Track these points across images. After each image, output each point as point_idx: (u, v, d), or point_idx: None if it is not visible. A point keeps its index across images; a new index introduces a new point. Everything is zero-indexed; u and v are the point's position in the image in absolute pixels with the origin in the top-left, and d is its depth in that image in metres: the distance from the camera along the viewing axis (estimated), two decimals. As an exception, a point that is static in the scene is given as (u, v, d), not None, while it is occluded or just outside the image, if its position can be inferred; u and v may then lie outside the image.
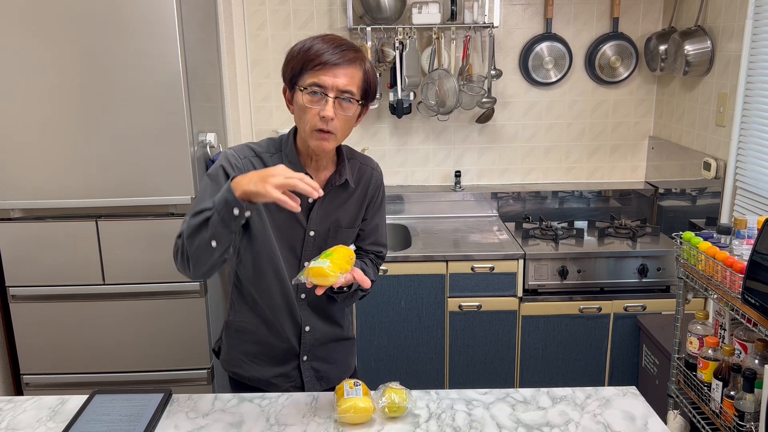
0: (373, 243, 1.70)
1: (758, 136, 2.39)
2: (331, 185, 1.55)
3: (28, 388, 2.52)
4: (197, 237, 1.35)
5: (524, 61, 3.15)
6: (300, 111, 1.43)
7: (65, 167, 2.33)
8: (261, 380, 1.65)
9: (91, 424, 1.40)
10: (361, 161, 1.64)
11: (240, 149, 1.53)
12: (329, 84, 1.39)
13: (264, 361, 1.65)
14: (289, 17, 3.11)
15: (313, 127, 1.41)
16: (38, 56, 2.23)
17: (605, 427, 1.41)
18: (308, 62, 1.39)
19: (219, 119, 2.85)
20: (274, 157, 1.53)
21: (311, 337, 1.65)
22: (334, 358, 1.71)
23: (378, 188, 1.66)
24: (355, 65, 1.42)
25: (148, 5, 2.21)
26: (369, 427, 1.40)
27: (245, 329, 1.65)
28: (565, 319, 2.76)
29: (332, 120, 1.40)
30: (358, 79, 1.43)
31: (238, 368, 1.68)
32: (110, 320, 2.46)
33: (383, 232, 1.72)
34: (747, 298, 1.58)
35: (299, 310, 1.62)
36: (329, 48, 1.40)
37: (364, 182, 1.62)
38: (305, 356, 1.66)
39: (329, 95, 1.39)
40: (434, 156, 3.28)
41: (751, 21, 2.39)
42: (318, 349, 1.67)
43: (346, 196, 1.59)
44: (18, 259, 2.40)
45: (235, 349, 1.68)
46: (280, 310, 1.60)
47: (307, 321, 1.63)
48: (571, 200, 3.25)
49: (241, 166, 1.48)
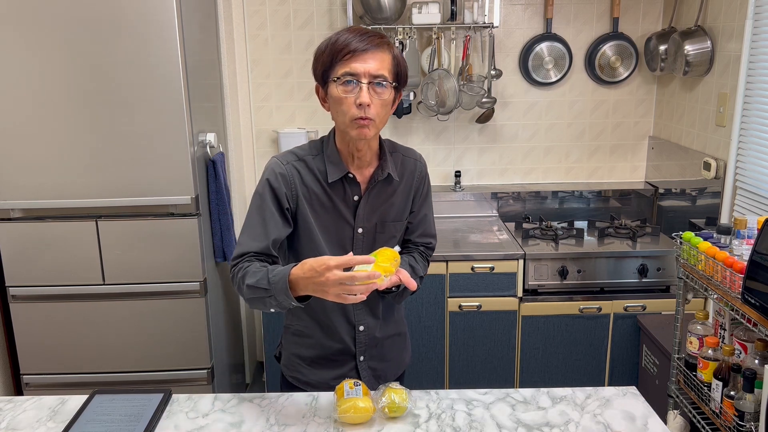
0: (422, 234, 1.68)
1: (758, 136, 2.38)
2: (375, 181, 1.55)
3: (28, 388, 2.52)
4: (255, 303, 1.44)
5: (524, 61, 3.15)
6: (336, 103, 1.42)
7: (65, 167, 2.33)
8: (321, 384, 1.64)
9: (91, 424, 1.40)
10: (403, 153, 1.63)
11: (283, 156, 1.53)
12: (361, 70, 1.39)
13: (321, 364, 1.65)
14: (289, 17, 3.11)
15: (352, 116, 1.41)
16: (38, 56, 2.23)
17: (605, 427, 1.41)
18: (337, 53, 1.39)
19: (219, 119, 2.85)
20: (316, 158, 1.52)
21: (366, 336, 1.64)
22: (390, 356, 1.71)
23: (423, 179, 1.65)
24: (383, 49, 1.42)
25: (148, 5, 2.21)
26: (369, 427, 1.40)
27: (301, 333, 1.65)
28: (565, 319, 2.76)
29: (369, 106, 1.40)
30: (389, 63, 1.43)
31: (297, 373, 1.67)
32: (110, 320, 2.46)
33: (431, 223, 1.71)
34: (747, 298, 1.58)
35: (353, 310, 1.61)
36: (355, 36, 1.40)
37: (408, 174, 1.61)
38: (362, 356, 1.65)
39: (363, 81, 1.39)
40: (434, 156, 3.28)
41: (751, 21, 2.39)
42: (373, 348, 1.67)
43: (392, 190, 1.58)
44: (18, 259, 2.40)
45: (294, 353, 1.68)
46: (334, 312, 1.60)
47: (360, 321, 1.62)
48: (571, 200, 3.25)
49: (285, 172, 1.49)
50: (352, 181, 1.53)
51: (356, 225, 1.55)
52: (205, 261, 2.47)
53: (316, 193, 1.51)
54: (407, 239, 1.67)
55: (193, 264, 2.43)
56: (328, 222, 1.53)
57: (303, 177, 1.51)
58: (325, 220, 1.53)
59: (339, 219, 1.54)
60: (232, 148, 2.98)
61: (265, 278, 1.37)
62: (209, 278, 2.53)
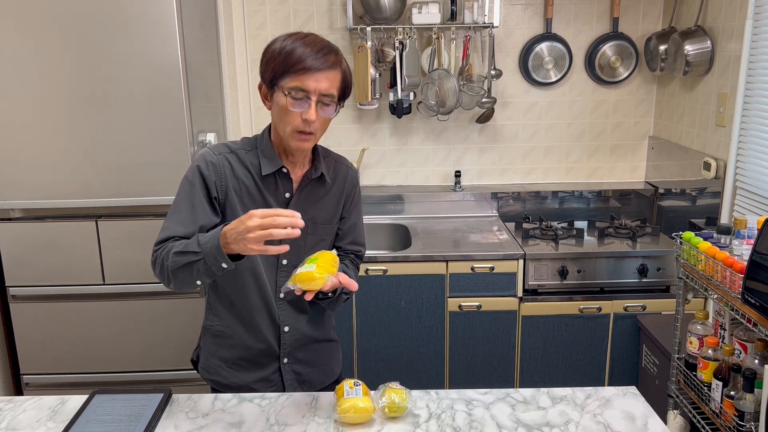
0: (352, 242, 1.70)
1: (758, 136, 2.38)
2: (308, 179, 1.56)
3: (28, 388, 2.52)
4: (180, 273, 1.41)
5: (524, 61, 3.15)
6: (281, 112, 1.44)
7: (65, 167, 2.33)
8: (242, 386, 1.63)
9: (91, 424, 1.40)
10: (336, 159, 1.66)
11: (216, 146, 1.55)
12: (312, 88, 1.41)
13: (243, 366, 1.64)
14: (289, 17, 3.11)
15: (295, 128, 1.44)
16: (38, 56, 2.23)
17: (605, 427, 1.41)
18: (291, 66, 1.40)
19: (219, 119, 2.85)
20: (249, 153, 1.54)
21: (291, 338, 1.63)
22: (316, 361, 1.70)
23: (354, 186, 1.68)
24: (335, 69, 1.44)
25: (148, 5, 2.21)
26: (369, 427, 1.40)
27: (223, 333, 1.63)
28: (565, 319, 2.76)
29: (314, 122, 1.42)
30: (338, 82, 1.46)
31: (217, 376, 1.66)
32: (110, 320, 2.46)
33: (361, 232, 1.72)
34: (747, 298, 1.58)
35: (278, 310, 1.61)
36: (312, 53, 1.41)
37: (340, 179, 1.64)
38: (285, 358, 1.64)
39: (312, 98, 1.41)
40: (434, 156, 3.28)
41: (751, 21, 2.39)
42: (298, 351, 1.66)
43: (323, 192, 1.60)
44: (18, 259, 2.40)
45: (213, 355, 1.66)
46: (258, 311, 1.59)
47: (285, 321, 1.62)
48: (571, 200, 3.25)
49: (216, 161, 1.50)
50: (285, 177, 1.54)
51: None
52: (205, 261, 2.47)
53: (247, 186, 1.52)
54: (337, 246, 1.68)
55: (193, 264, 2.43)
56: None
57: (234, 169, 1.51)
58: None
59: None
60: (232, 148, 2.97)
61: (195, 241, 1.38)
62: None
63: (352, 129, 3.22)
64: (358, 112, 3.20)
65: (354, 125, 3.22)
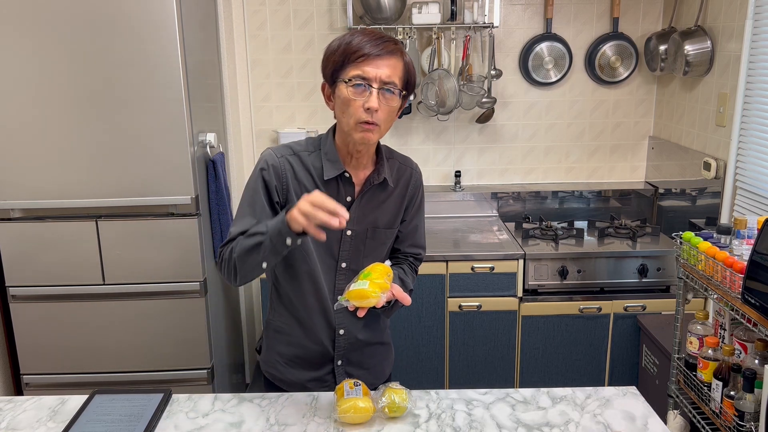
0: (411, 245, 1.68)
1: (758, 136, 2.38)
2: (370, 184, 1.54)
3: (28, 388, 2.52)
4: (248, 258, 1.40)
5: (524, 61, 3.15)
6: (343, 104, 1.42)
7: (65, 167, 2.33)
8: (295, 383, 1.63)
9: (91, 424, 1.40)
10: (400, 161, 1.62)
11: (278, 148, 1.53)
12: (373, 75, 1.38)
13: (298, 364, 1.63)
14: (289, 17, 3.11)
15: (358, 119, 1.40)
16: (38, 56, 2.23)
17: (605, 427, 1.41)
18: (350, 55, 1.39)
19: (219, 119, 2.85)
20: (312, 155, 1.52)
21: (345, 341, 1.62)
22: (369, 364, 1.68)
23: (417, 189, 1.64)
24: (396, 56, 1.41)
25: (148, 5, 2.21)
26: (369, 427, 1.40)
27: (282, 330, 1.63)
28: (565, 319, 2.76)
29: (377, 111, 1.40)
30: (400, 70, 1.42)
31: (274, 370, 1.65)
32: (110, 320, 2.46)
33: (422, 234, 1.70)
34: (747, 298, 1.58)
35: (334, 313, 1.59)
36: (370, 40, 1.39)
37: (403, 182, 1.60)
38: (339, 360, 1.63)
39: (373, 86, 1.38)
40: (434, 156, 3.28)
41: (751, 21, 2.39)
42: (352, 353, 1.64)
43: (385, 196, 1.57)
44: (18, 259, 2.40)
45: (273, 349, 1.66)
46: (315, 312, 1.58)
47: (341, 324, 1.60)
48: (571, 200, 3.25)
49: (277, 164, 1.49)
50: (348, 181, 1.52)
51: (346, 227, 1.54)
52: (205, 261, 2.47)
53: (308, 189, 1.50)
54: (396, 248, 1.66)
55: (193, 264, 2.43)
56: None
57: (296, 171, 1.50)
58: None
59: None
60: (232, 148, 2.98)
61: (263, 225, 1.39)
62: (209, 278, 2.53)
63: (352, 129, 3.22)
64: (358, 112, 3.20)
65: (354, 125, 3.22)
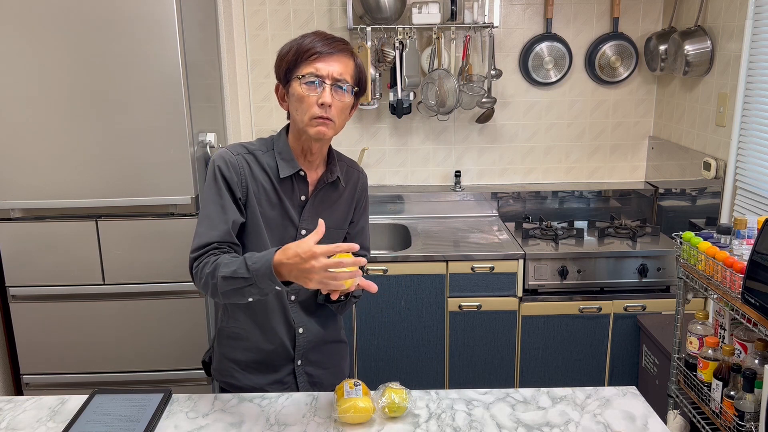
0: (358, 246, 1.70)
1: (758, 136, 2.38)
2: (324, 182, 1.58)
3: (28, 388, 2.52)
4: (232, 295, 1.38)
5: (524, 61, 3.15)
6: (297, 101, 1.46)
7: (65, 167, 2.33)
8: (255, 389, 1.63)
9: (91, 424, 1.40)
10: (348, 164, 1.67)
11: (232, 147, 1.55)
12: (325, 72, 1.44)
13: (256, 369, 1.64)
14: (289, 17, 3.11)
15: (312, 114, 1.45)
16: (38, 56, 2.23)
17: (605, 427, 1.41)
18: (303, 53, 1.45)
19: (219, 119, 2.85)
20: (266, 154, 1.54)
21: (305, 340, 1.64)
22: (328, 363, 1.71)
23: (363, 191, 1.69)
24: (346, 55, 1.48)
25: (148, 5, 2.21)
26: (369, 427, 1.40)
27: (239, 336, 1.63)
28: (565, 319, 2.76)
29: (330, 106, 1.44)
30: (351, 69, 1.49)
31: (231, 378, 1.65)
32: (110, 320, 2.46)
33: (367, 236, 1.74)
34: (747, 298, 1.58)
35: (292, 313, 1.61)
36: (321, 40, 1.47)
37: (351, 184, 1.65)
38: (299, 360, 1.65)
39: (326, 82, 1.44)
40: (434, 156, 3.28)
41: (751, 21, 2.39)
42: (311, 352, 1.66)
43: (336, 196, 1.61)
44: (18, 259, 2.40)
45: (227, 357, 1.66)
46: (274, 313, 1.60)
47: (300, 323, 1.63)
48: (571, 200, 3.25)
49: (235, 162, 1.50)
50: (302, 180, 1.55)
51: (300, 226, 1.56)
52: (205, 261, 2.47)
53: (265, 188, 1.52)
54: None
55: (193, 264, 2.43)
56: (274, 219, 1.54)
57: (252, 170, 1.52)
58: (271, 217, 1.53)
59: (284, 218, 1.54)
60: (232, 148, 2.97)
61: (243, 267, 1.34)
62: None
63: (353, 129, 3.22)
64: (358, 112, 3.20)
65: (354, 125, 3.22)
